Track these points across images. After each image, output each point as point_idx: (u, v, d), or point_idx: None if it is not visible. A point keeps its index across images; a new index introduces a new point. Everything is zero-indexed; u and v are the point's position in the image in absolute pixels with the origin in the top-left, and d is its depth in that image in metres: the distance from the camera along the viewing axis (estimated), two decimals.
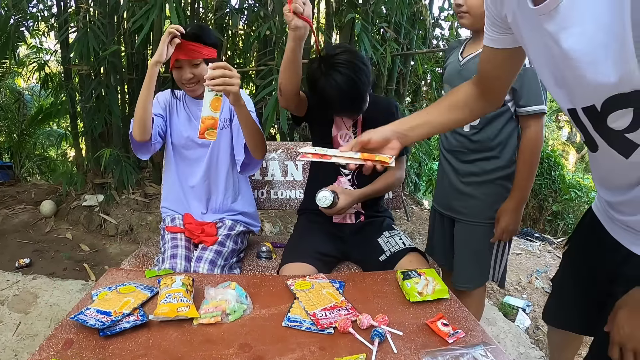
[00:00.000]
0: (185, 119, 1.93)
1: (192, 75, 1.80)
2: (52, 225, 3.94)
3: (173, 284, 1.21)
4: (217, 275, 1.51)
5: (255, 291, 1.29)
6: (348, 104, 1.62)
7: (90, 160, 4.01)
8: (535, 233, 4.60)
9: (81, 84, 4.07)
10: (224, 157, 1.95)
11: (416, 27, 4.08)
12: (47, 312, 2.55)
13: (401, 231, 1.86)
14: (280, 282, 1.35)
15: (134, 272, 1.42)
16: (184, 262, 1.69)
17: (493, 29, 1.04)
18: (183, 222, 1.91)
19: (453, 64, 1.83)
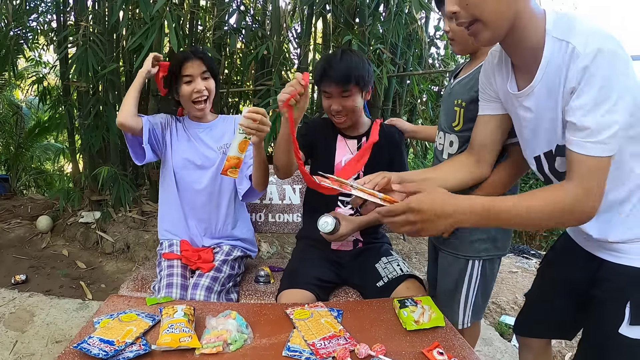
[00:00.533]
0: (185, 140, 1.97)
1: (204, 88, 1.87)
2: (48, 241, 3.95)
3: (175, 314, 1.24)
4: (217, 303, 1.53)
5: (255, 320, 1.31)
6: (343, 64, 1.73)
7: (88, 177, 4.02)
8: (532, 250, 4.62)
9: (79, 100, 4.10)
10: (227, 184, 1.97)
11: (412, 47, 4.13)
12: (44, 331, 2.55)
13: (399, 256, 1.88)
14: (279, 311, 1.37)
15: (134, 300, 1.44)
16: (180, 291, 1.70)
17: (485, 99, 1.37)
18: (180, 249, 1.92)
19: (447, 88, 1.85)
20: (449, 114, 1.69)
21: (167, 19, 2.97)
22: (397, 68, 4.00)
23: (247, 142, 1.59)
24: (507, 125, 1.36)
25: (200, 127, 2.00)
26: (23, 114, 6.38)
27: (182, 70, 1.86)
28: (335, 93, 1.76)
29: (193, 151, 1.93)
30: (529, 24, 1.06)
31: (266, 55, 3.58)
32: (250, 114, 1.53)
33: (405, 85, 4.25)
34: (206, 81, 1.89)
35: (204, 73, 1.88)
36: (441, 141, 1.73)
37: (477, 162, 1.42)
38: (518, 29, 1.07)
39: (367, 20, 3.58)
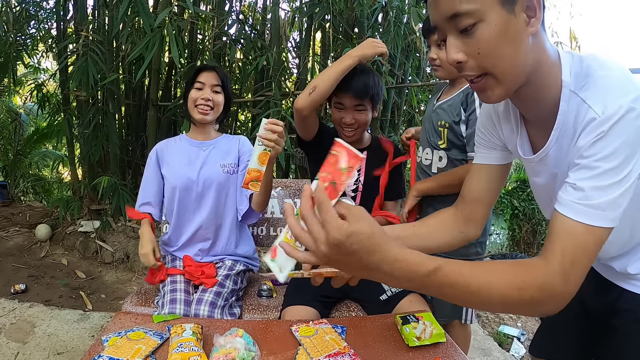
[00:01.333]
0: (185, 160, 1.97)
1: (210, 98, 1.92)
2: (47, 250, 3.96)
3: (184, 333, 1.26)
4: (223, 320, 1.55)
5: (262, 337, 1.34)
6: (362, 78, 1.74)
7: (87, 186, 4.04)
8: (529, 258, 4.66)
9: (79, 109, 4.12)
10: (232, 203, 1.98)
11: (410, 57, 4.18)
12: (46, 343, 2.56)
13: None
14: (284, 328, 1.40)
15: (141, 317, 1.46)
16: (184, 307, 1.71)
17: (485, 146, 1.17)
18: (183, 264, 1.94)
19: (429, 107, 1.96)
20: (433, 133, 1.83)
21: (167, 29, 3.00)
22: (396, 79, 4.04)
23: (267, 154, 1.57)
24: (506, 176, 1.20)
25: (202, 146, 2.00)
26: (22, 121, 6.38)
27: (197, 77, 1.95)
28: (350, 106, 1.78)
29: (194, 172, 1.93)
30: (547, 77, 0.90)
31: (265, 66, 3.61)
32: (270, 126, 1.54)
33: (404, 95, 4.29)
34: (216, 94, 1.95)
35: (215, 86, 1.95)
36: (428, 156, 1.86)
37: (467, 221, 1.19)
38: (534, 83, 0.90)
39: (366, 31, 3.62)
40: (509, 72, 0.85)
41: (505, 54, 0.83)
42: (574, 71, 0.89)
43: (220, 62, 4.07)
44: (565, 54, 0.92)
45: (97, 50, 3.49)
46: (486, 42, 0.82)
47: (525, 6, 0.81)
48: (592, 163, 0.81)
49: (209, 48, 3.96)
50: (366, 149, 1.96)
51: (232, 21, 4.07)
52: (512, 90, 0.89)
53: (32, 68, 5.66)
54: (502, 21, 0.80)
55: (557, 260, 0.80)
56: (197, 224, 1.96)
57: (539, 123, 0.97)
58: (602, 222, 0.81)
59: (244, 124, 5.10)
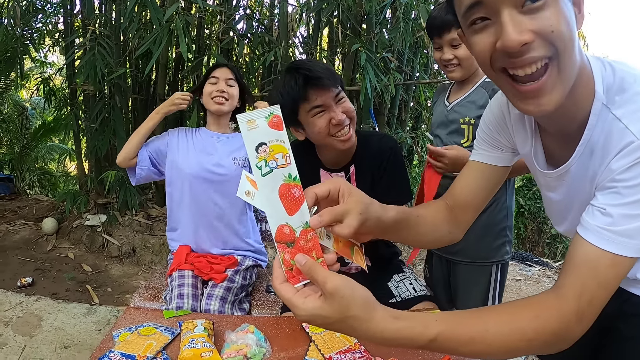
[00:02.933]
0: (200, 148, 2.00)
1: (225, 89, 1.97)
2: (53, 244, 3.97)
3: (195, 329, 1.25)
4: (234, 316, 1.54)
5: (273, 333, 1.33)
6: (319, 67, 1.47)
7: (94, 180, 4.04)
8: (535, 257, 4.64)
9: (86, 103, 4.12)
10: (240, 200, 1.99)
11: (418, 54, 4.16)
12: (52, 336, 2.57)
13: (411, 272, 1.84)
14: (295, 324, 1.39)
15: (151, 312, 1.46)
16: (192, 302, 1.72)
17: (489, 145, 1.08)
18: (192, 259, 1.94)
19: (439, 110, 1.82)
20: (453, 133, 1.72)
21: (176, 24, 2.99)
22: (404, 75, 4.02)
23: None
24: (504, 179, 1.11)
25: (217, 137, 2.04)
26: (28, 115, 6.40)
27: (211, 73, 2.01)
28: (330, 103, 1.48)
29: (208, 162, 1.96)
30: (581, 87, 0.79)
31: (273, 62, 3.60)
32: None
33: (412, 92, 4.28)
34: (230, 87, 1.99)
35: (229, 80, 1.99)
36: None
37: (456, 222, 1.10)
38: (574, 93, 0.79)
39: (374, 27, 3.60)
40: (570, 65, 0.73)
41: (573, 40, 0.72)
42: (606, 82, 0.79)
43: (227, 58, 4.07)
44: (595, 60, 0.82)
45: (105, 45, 3.48)
46: (559, 21, 0.69)
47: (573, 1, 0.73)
48: (625, 189, 0.74)
49: (217, 43, 3.95)
50: (352, 162, 1.67)
51: (239, 16, 4.06)
52: (564, 97, 0.75)
53: (39, 62, 5.67)
54: (567, 5, 0.71)
55: (575, 299, 0.73)
56: (207, 214, 1.98)
57: (559, 135, 0.88)
58: (629, 252, 0.73)
59: None
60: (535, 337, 0.71)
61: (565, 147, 0.86)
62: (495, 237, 1.73)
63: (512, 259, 4.47)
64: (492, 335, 0.71)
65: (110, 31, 3.76)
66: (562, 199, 0.95)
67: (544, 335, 0.72)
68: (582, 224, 0.77)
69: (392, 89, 3.39)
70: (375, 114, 3.76)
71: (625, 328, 1.09)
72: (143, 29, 3.58)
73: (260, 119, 0.72)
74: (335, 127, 1.47)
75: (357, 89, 3.40)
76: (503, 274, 1.78)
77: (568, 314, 0.72)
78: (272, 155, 0.72)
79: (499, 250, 1.75)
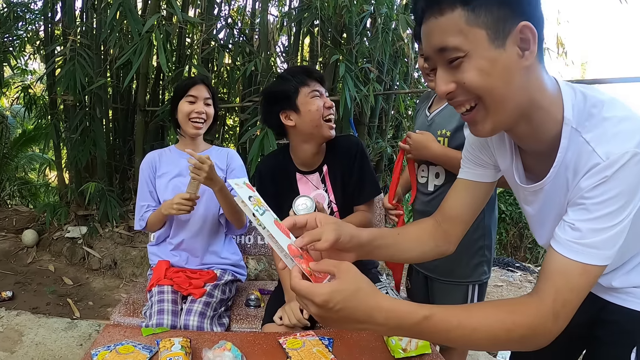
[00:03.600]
0: (175, 173, 2.02)
1: (204, 111, 1.97)
2: (34, 256, 3.94)
3: (172, 347, 1.27)
4: (212, 333, 1.55)
5: (250, 350, 1.35)
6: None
7: (74, 191, 4.01)
8: (517, 263, 4.71)
9: (66, 113, 4.09)
10: (216, 213, 2.02)
11: (398, 63, 4.21)
12: (34, 352, 2.55)
13: (387, 281, 1.88)
14: (272, 340, 1.41)
15: (130, 330, 1.47)
16: (171, 317, 1.72)
17: (472, 163, 1.16)
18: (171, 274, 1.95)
19: (421, 119, 1.84)
20: None
21: (156, 35, 3.00)
22: (384, 85, 4.07)
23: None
24: (490, 193, 1.20)
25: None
26: (8, 123, 6.30)
27: (188, 91, 1.98)
28: (322, 92, 1.78)
29: (184, 184, 1.93)
30: (547, 114, 0.88)
31: (254, 72, 3.63)
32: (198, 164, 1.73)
33: (392, 101, 4.33)
34: (208, 107, 2.00)
35: (207, 99, 1.99)
36: (424, 174, 1.78)
37: (444, 237, 1.19)
38: (531, 121, 0.89)
39: (354, 37, 3.64)
40: (499, 105, 0.84)
41: (493, 87, 0.82)
42: (576, 108, 0.87)
43: (208, 67, 4.08)
44: (567, 87, 0.90)
45: (85, 55, 3.47)
46: (472, 76, 0.81)
47: (519, 39, 0.80)
48: (592, 206, 0.82)
49: (197, 53, 3.96)
50: (324, 162, 1.85)
51: (220, 26, 4.08)
52: (502, 125, 0.88)
53: (19, 70, 5.60)
54: (489, 56, 0.80)
55: (550, 300, 0.82)
56: (186, 234, 2.00)
57: (535, 156, 0.97)
58: (597, 261, 0.82)
59: (232, 128, 5.11)
60: (514, 329, 0.81)
61: (541, 164, 0.94)
62: (471, 256, 1.73)
63: (494, 264, 4.54)
64: (476, 321, 0.82)
65: (90, 41, 3.75)
66: (537, 213, 1.03)
67: (522, 328, 0.82)
68: (555, 238, 0.87)
69: (371, 99, 3.44)
70: (356, 124, 3.80)
71: (604, 334, 1.16)
72: (123, 38, 3.58)
73: (240, 183, 1.02)
74: (327, 110, 1.73)
75: (337, 99, 3.44)
76: (481, 294, 1.78)
77: (545, 312, 0.82)
78: (259, 204, 0.97)
79: (476, 270, 1.75)
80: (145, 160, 2.07)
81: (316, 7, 3.29)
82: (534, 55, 0.82)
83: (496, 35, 0.79)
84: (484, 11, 0.79)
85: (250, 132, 3.22)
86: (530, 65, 0.82)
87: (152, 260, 2.07)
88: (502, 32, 0.79)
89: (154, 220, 1.97)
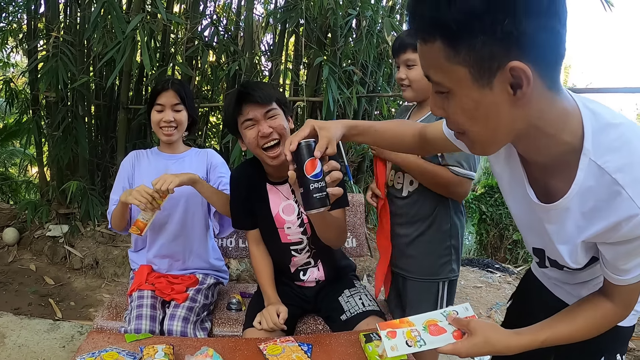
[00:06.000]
0: (153, 173, 1.99)
1: (172, 119, 1.95)
2: (15, 255, 3.90)
3: (156, 354, 1.30)
4: (194, 339, 1.59)
5: (231, 356, 1.39)
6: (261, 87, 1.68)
7: (56, 189, 3.98)
8: (496, 264, 4.78)
9: (48, 109, 4.04)
10: (200, 216, 2.04)
11: (382, 66, 4.25)
12: (17, 354, 2.54)
13: (362, 286, 1.91)
14: (253, 346, 1.45)
15: (114, 336, 1.49)
16: (149, 322, 1.73)
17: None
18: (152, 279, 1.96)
19: None
20: None
21: (139, 34, 2.99)
22: (367, 87, 4.11)
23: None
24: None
25: (171, 159, 2.06)
26: None
27: (156, 99, 1.96)
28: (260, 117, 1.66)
29: None
30: (554, 136, 0.84)
31: (238, 71, 3.63)
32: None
33: (375, 103, 4.37)
34: (177, 113, 1.98)
35: (176, 105, 1.97)
36: (400, 180, 1.85)
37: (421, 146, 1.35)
38: (535, 141, 0.86)
39: (339, 40, 3.67)
40: (483, 140, 0.84)
41: (476, 128, 0.81)
42: (599, 137, 0.82)
43: (192, 66, 4.07)
44: (587, 112, 0.84)
45: (67, 52, 3.43)
46: (454, 111, 0.81)
47: (510, 77, 0.73)
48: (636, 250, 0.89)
49: (182, 51, 3.95)
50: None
51: (205, 24, 4.07)
52: (493, 150, 0.89)
53: (1, 62, 5.51)
54: (472, 97, 0.77)
55: (622, 304, 1.03)
56: (166, 237, 2.01)
57: (543, 179, 0.96)
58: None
59: (215, 126, 5.10)
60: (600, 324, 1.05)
61: (549, 192, 0.95)
62: (439, 255, 1.82)
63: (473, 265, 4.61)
64: (578, 329, 1.05)
65: (74, 37, 3.71)
66: (529, 220, 1.10)
67: (606, 324, 1.05)
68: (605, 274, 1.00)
69: (354, 102, 3.47)
70: None
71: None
72: (107, 35, 3.55)
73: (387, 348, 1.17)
74: (262, 139, 1.64)
75: (320, 100, 3.47)
76: (451, 291, 1.85)
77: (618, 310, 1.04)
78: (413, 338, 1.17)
79: (444, 268, 1.82)
80: (128, 158, 2.09)
81: (301, 8, 3.30)
82: (527, 95, 0.75)
83: (480, 75, 0.74)
84: (466, 48, 0.72)
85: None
86: (525, 98, 0.76)
87: (133, 265, 2.09)
88: (487, 70, 0.73)
89: (117, 214, 1.91)
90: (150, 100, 1.99)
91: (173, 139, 2.00)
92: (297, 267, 1.87)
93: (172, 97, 1.96)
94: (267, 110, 1.65)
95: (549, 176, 0.93)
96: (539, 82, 0.75)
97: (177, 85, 2.00)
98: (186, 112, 2.01)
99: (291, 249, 1.83)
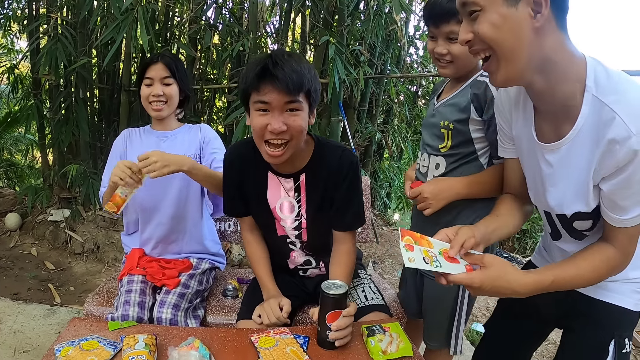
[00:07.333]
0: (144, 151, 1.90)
1: (161, 92, 1.84)
2: (16, 240, 3.86)
3: (136, 345, 1.21)
4: (181, 328, 1.48)
5: (219, 348, 1.29)
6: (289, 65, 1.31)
7: (57, 173, 3.92)
8: (504, 253, 4.69)
9: (50, 93, 3.98)
10: (194, 196, 1.92)
11: (391, 47, 4.11)
12: (12, 340, 2.49)
13: (366, 277, 1.80)
14: (244, 337, 1.35)
15: (96, 324, 1.40)
16: (137, 309, 1.63)
17: (507, 141, 1.29)
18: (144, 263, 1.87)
19: (430, 108, 1.73)
20: (434, 136, 1.62)
21: (139, 13, 2.88)
22: (375, 69, 3.98)
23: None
24: None
25: (163, 137, 1.95)
26: None
27: (145, 73, 1.87)
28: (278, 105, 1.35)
29: None
30: (565, 74, 0.98)
31: (242, 52, 3.52)
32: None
33: (383, 85, 4.23)
34: (167, 87, 1.87)
35: (165, 78, 1.86)
36: (425, 163, 1.66)
37: (523, 201, 1.34)
38: (549, 76, 0.99)
39: (346, 20, 3.53)
40: (508, 56, 0.97)
41: (502, 40, 0.95)
42: (601, 78, 0.97)
43: (195, 47, 3.96)
44: (592, 61, 0.99)
45: (67, 34, 3.35)
46: (484, 27, 0.96)
47: (532, 1, 0.92)
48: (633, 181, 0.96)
49: (185, 32, 3.84)
50: (306, 168, 1.55)
51: (209, 3, 3.94)
52: (515, 75, 1.00)
53: (5, 49, 5.45)
54: (501, 12, 0.94)
55: (622, 250, 1.08)
56: (159, 219, 1.90)
57: (553, 119, 1.08)
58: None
59: (221, 110, 4.99)
60: (601, 268, 1.10)
61: (557, 127, 1.06)
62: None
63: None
64: (582, 272, 1.10)
65: (75, 19, 3.62)
66: (551, 173, 1.12)
67: (606, 268, 1.10)
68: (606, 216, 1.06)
69: (362, 83, 3.34)
70: (345, 108, 3.71)
71: (581, 327, 1.27)
72: (108, 17, 3.45)
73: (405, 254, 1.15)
74: (269, 134, 1.36)
75: (326, 82, 3.34)
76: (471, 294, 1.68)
77: (619, 256, 1.09)
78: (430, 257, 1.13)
79: None
80: (120, 136, 2.00)
81: None
82: (545, 18, 0.93)
83: None
84: None
85: (236, 114, 3.12)
86: (542, 26, 0.94)
87: (125, 249, 2.00)
88: None
89: (107, 196, 1.72)
90: (138, 74, 1.90)
91: (163, 114, 1.89)
92: (296, 266, 1.74)
93: (161, 70, 1.85)
94: (289, 101, 1.33)
95: (560, 122, 1.05)
96: (553, 19, 0.94)
97: (168, 57, 1.89)
98: (177, 87, 1.90)
99: (288, 241, 1.67)
